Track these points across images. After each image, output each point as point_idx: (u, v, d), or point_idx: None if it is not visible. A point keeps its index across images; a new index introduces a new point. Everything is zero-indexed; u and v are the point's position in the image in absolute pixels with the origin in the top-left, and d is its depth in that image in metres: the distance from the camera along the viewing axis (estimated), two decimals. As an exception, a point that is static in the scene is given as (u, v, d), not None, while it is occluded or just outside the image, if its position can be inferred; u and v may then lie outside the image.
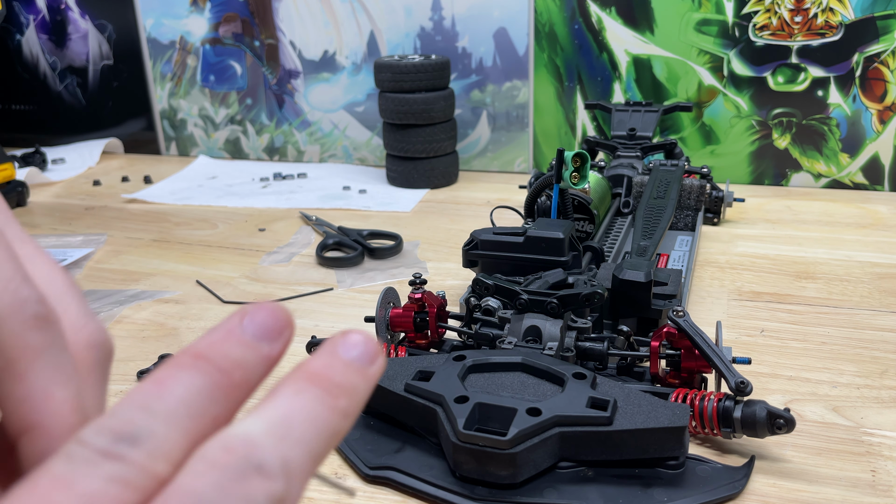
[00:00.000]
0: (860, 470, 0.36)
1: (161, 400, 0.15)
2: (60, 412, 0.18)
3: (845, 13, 0.82)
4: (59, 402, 0.18)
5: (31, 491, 0.14)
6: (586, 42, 0.91)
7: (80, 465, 0.14)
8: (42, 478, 0.15)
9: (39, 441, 0.18)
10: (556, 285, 0.47)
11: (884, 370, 0.45)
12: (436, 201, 0.87)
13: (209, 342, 0.16)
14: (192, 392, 0.16)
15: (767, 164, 0.89)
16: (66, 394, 0.18)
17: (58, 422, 0.18)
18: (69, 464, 0.15)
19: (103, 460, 0.15)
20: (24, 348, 0.18)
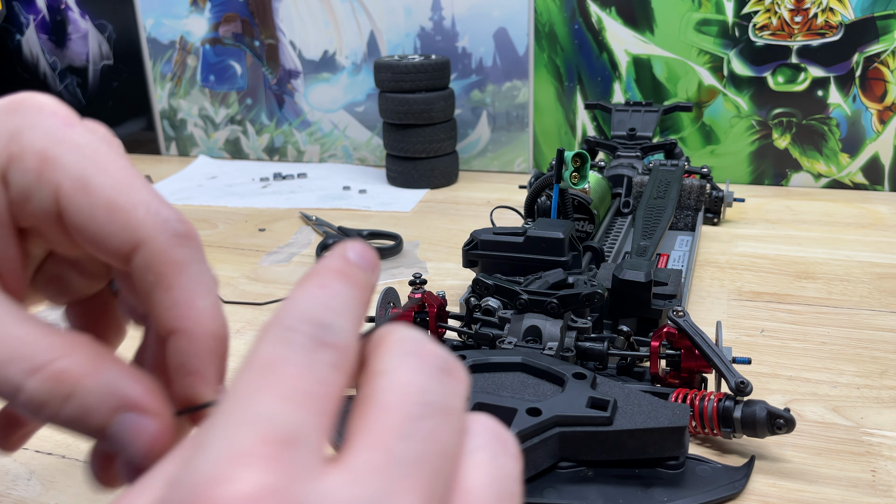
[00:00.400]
0: (860, 470, 0.36)
1: (334, 300, 0.17)
2: (202, 318, 0.21)
3: (845, 13, 0.82)
4: (200, 310, 0.21)
5: (270, 373, 0.16)
6: (586, 42, 0.91)
7: (303, 350, 0.16)
8: (274, 361, 0.16)
9: (184, 342, 0.21)
10: (556, 285, 0.47)
11: (884, 370, 0.45)
12: (436, 201, 0.87)
13: (335, 264, 0.18)
14: (350, 297, 0.17)
15: (767, 164, 0.89)
16: (207, 302, 0.22)
17: (200, 326, 0.21)
18: (292, 349, 0.16)
19: (320, 347, 0.16)
20: (171, 263, 0.21)
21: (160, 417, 0.21)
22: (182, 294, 0.22)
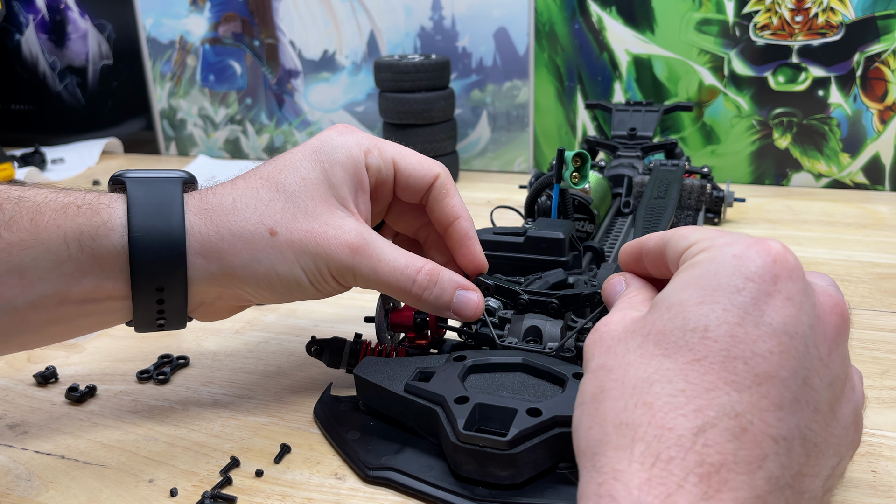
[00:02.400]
0: (860, 470, 0.36)
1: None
2: (465, 210, 0.42)
3: (846, 13, 0.82)
4: (463, 206, 0.42)
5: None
6: (587, 42, 0.91)
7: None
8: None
9: (462, 222, 0.42)
10: (557, 285, 0.47)
11: (884, 370, 0.45)
12: (436, 201, 0.87)
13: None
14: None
15: (768, 164, 0.89)
16: (461, 202, 0.42)
17: (466, 213, 0.42)
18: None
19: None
20: (450, 184, 0.42)
21: (478, 293, 0.41)
22: (456, 198, 0.42)
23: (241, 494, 0.36)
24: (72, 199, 0.35)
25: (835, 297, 0.28)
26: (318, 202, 0.38)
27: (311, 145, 0.40)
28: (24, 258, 0.34)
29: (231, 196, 0.38)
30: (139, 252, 0.35)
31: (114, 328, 0.55)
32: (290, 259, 0.37)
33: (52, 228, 0.34)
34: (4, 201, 0.35)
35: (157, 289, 0.36)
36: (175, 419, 0.43)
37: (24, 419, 0.43)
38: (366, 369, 0.40)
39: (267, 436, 0.41)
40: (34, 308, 0.35)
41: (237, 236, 0.37)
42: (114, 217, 0.35)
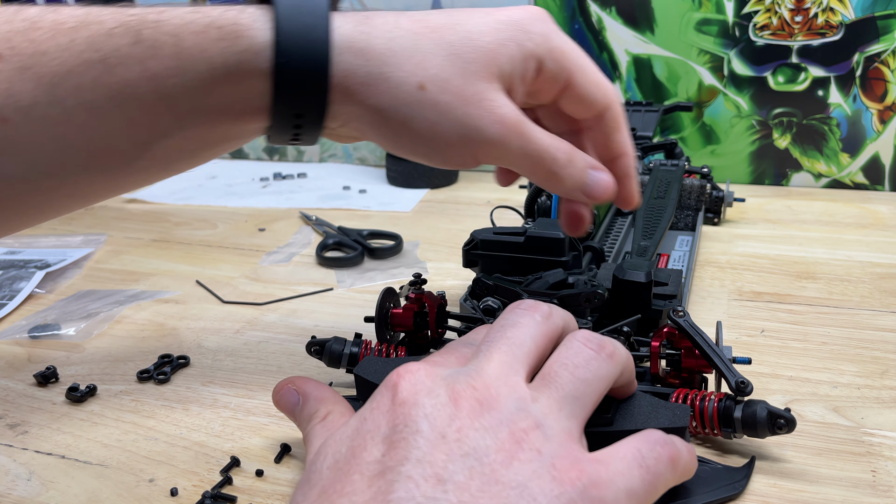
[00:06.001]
0: (860, 470, 0.36)
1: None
2: (630, 149, 0.40)
3: (846, 13, 0.82)
4: (629, 142, 0.40)
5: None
6: (586, 42, 0.91)
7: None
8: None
9: (625, 159, 0.40)
10: (557, 285, 0.47)
11: (884, 370, 0.45)
12: (436, 201, 0.87)
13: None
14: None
15: (768, 164, 0.89)
16: (629, 137, 0.40)
17: (631, 149, 0.40)
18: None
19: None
20: (621, 116, 0.39)
21: (609, 175, 0.39)
22: (624, 134, 0.40)
23: (241, 494, 0.36)
24: (211, 20, 0.33)
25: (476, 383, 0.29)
26: (481, 73, 0.35)
27: (502, 16, 0.36)
28: (173, 87, 0.33)
29: (388, 35, 0.34)
30: (283, 84, 0.33)
31: (114, 328, 0.55)
32: (430, 119, 0.35)
33: (196, 54, 0.32)
34: (143, 26, 0.32)
35: (295, 115, 0.35)
36: (175, 419, 0.43)
37: (24, 419, 0.43)
38: (366, 369, 0.40)
39: (267, 436, 0.41)
40: (186, 138, 0.34)
41: (384, 79, 0.34)
42: (258, 39, 0.33)
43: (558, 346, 0.32)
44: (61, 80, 0.32)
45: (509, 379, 0.29)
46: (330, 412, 0.34)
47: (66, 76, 0.32)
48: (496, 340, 0.32)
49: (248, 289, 0.62)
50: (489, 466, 0.26)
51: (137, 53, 0.32)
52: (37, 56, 0.31)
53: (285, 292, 0.61)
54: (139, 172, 0.36)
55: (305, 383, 0.36)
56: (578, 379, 0.30)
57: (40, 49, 0.32)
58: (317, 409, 0.35)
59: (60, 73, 0.32)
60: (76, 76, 0.32)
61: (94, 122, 0.33)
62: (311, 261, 0.69)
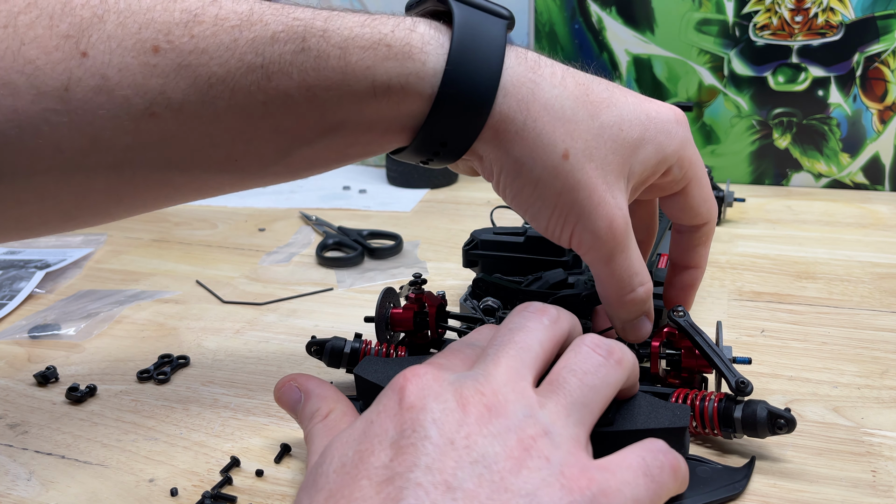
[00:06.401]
0: (860, 470, 0.36)
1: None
2: (704, 264, 0.43)
3: (846, 13, 0.82)
4: (705, 259, 0.43)
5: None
6: (586, 41, 0.91)
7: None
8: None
9: (693, 276, 0.43)
10: (557, 285, 0.47)
11: (884, 370, 0.45)
12: (436, 201, 0.87)
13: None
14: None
15: (768, 164, 0.89)
16: (708, 252, 0.43)
17: (703, 268, 0.43)
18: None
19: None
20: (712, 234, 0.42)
21: (651, 322, 0.40)
22: (707, 249, 0.43)
23: (241, 494, 0.36)
24: (381, 36, 0.32)
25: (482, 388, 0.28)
26: (615, 162, 0.35)
27: (651, 110, 0.36)
28: (328, 99, 0.32)
29: (553, 91, 0.34)
30: (440, 113, 0.33)
31: (114, 328, 0.55)
32: (557, 188, 0.34)
33: (360, 70, 0.32)
34: (308, 34, 0.31)
35: (440, 143, 0.34)
36: (175, 419, 0.43)
37: (24, 419, 0.43)
38: (366, 369, 0.40)
39: (267, 436, 0.41)
40: (327, 147, 0.34)
41: (536, 135, 0.34)
42: (428, 63, 0.32)
43: (566, 350, 0.32)
44: (218, 81, 0.31)
45: (517, 384, 0.29)
46: (331, 410, 0.34)
47: (223, 78, 0.31)
48: (504, 344, 0.31)
49: (248, 289, 0.62)
50: (498, 474, 0.25)
51: (300, 62, 0.31)
52: (196, 54, 0.30)
53: (285, 292, 0.61)
54: (269, 176, 0.36)
55: (307, 381, 0.36)
56: (586, 385, 0.30)
57: (200, 47, 0.30)
58: (318, 406, 0.35)
59: (219, 74, 0.31)
60: (233, 80, 0.31)
61: (242, 126, 0.32)
62: (311, 261, 0.69)
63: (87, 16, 0.29)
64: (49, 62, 0.29)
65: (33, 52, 0.29)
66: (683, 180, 0.38)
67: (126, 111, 0.30)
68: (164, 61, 0.30)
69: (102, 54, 0.29)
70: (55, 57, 0.29)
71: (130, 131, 0.31)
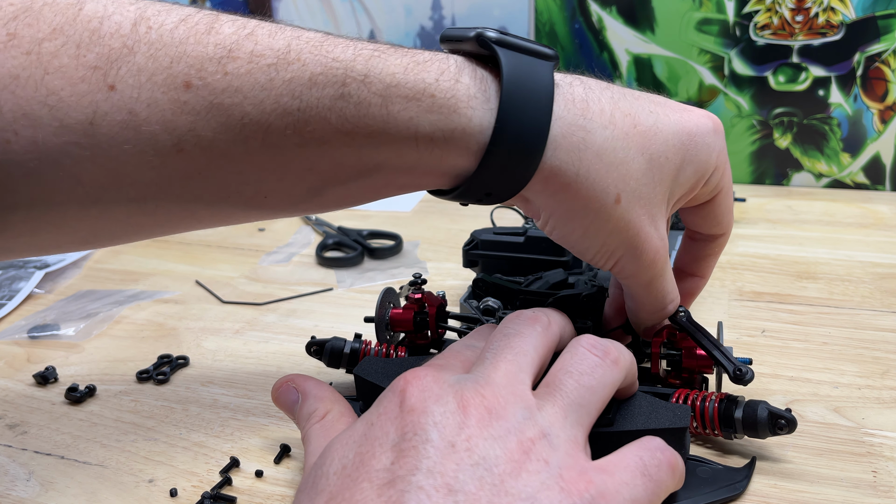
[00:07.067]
0: (861, 471, 0.36)
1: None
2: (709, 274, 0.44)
3: (846, 13, 0.82)
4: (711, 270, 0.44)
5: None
6: (587, 41, 0.91)
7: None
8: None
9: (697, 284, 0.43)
10: (557, 285, 0.47)
11: (885, 370, 0.45)
12: (436, 201, 0.87)
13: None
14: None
15: (768, 164, 0.89)
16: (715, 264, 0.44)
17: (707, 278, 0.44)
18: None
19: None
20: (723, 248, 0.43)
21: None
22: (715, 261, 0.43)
23: (240, 495, 0.36)
24: (425, 86, 0.30)
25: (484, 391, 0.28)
26: (660, 193, 0.35)
27: (691, 124, 0.36)
28: (367, 145, 0.31)
29: (604, 134, 0.33)
30: (486, 168, 0.31)
31: (113, 328, 0.55)
32: (605, 231, 0.34)
33: (402, 121, 0.30)
34: (348, 79, 0.30)
35: (486, 193, 0.33)
36: (175, 419, 0.43)
37: (23, 419, 0.43)
38: (366, 369, 0.40)
39: (267, 436, 0.41)
40: (361, 187, 0.33)
41: (589, 183, 0.33)
42: (474, 119, 0.31)
43: (562, 351, 0.32)
44: (251, 122, 0.29)
45: (516, 387, 0.29)
46: (329, 411, 0.34)
47: (257, 119, 0.29)
48: (500, 349, 0.31)
49: (248, 289, 0.62)
50: (499, 477, 0.25)
51: (339, 109, 0.30)
52: (229, 93, 0.29)
53: (285, 292, 0.61)
54: (298, 212, 0.34)
55: (305, 381, 0.36)
56: (583, 386, 0.30)
57: (234, 85, 0.29)
58: (315, 407, 0.34)
59: (252, 115, 0.29)
60: (268, 122, 0.29)
61: (274, 165, 0.31)
62: (310, 261, 0.68)
63: (116, 46, 0.28)
64: (74, 94, 0.27)
65: (57, 82, 0.27)
66: (716, 190, 0.38)
67: (152, 147, 0.29)
68: (196, 98, 0.29)
69: (131, 88, 0.28)
70: (81, 89, 0.27)
71: (156, 167, 0.29)
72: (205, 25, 0.29)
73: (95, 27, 0.28)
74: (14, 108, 0.27)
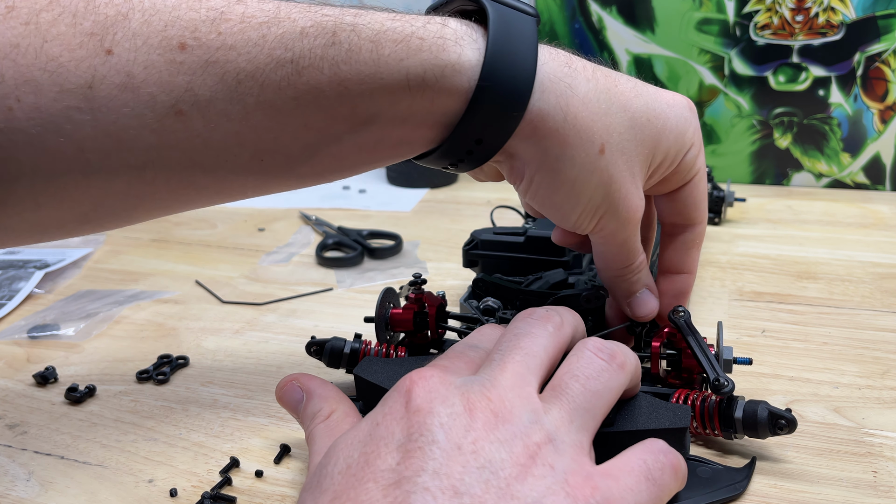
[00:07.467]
0: (861, 471, 0.36)
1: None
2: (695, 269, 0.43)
3: (846, 12, 0.82)
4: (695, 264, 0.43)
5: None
6: (587, 41, 0.91)
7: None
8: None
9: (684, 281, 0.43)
10: (557, 285, 0.47)
11: (885, 370, 0.45)
12: (436, 201, 0.87)
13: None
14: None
15: (768, 164, 0.89)
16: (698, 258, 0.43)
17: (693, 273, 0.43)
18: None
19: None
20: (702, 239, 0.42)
21: (656, 298, 0.41)
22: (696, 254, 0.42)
23: (240, 495, 0.36)
24: (413, 29, 0.32)
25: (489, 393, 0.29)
26: (643, 153, 0.36)
27: (668, 98, 0.38)
28: (360, 93, 0.31)
29: (588, 85, 0.34)
30: (476, 108, 0.32)
31: (113, 328, 0.55)
32: (593, 183, 0.35)
33: (394, 62, 0.31)
34: (338, 28, 0.31)
35: (475, 140, 0.34)
36: (175, 419, 0.43)
37: (23, 419, 0.43)
38: (366, 369, 0.40)
39: (267, 436, 0.41)
40: (356, 145, 0.33)
41: (576, 130, 0.34)
42: (463, 57, 0.32)
43: (568, 353, 0.32)
44: (247, 77, 0.30)
45: (523, 390, 0.29)
46: (333, 411, 0.34)
47: (252, 74, 0.30)
48: (509, 349, 0.31)
49: (248, 289, 0.62)
50: (504, 480, 0.25)
51: (331, 56, 0.31)
52: (223, 51, 0.30)
53: (285, 292, 0.61)
54: (294, 178, 0.35)
55: (310, 381, 0.36)
56: (589, 391, 0.30)
57: (227, 43, 0.30)
58: (320, 407, 0.34)
59: (247, 70, 0.30)
60: (262, 75, 0.30)
61: (270, 123, 0.32)
62: (310, 261, 0.68)
63: (111, 13, 0.29)
64: (73, 59, 0.28)
65: (56, 49, 0.28)
66: (694, 171, 0.39)
67: (151, 109, 0.30)
68: (191, 58, 0.30)
69: (127, 52, 0.29)
70: (79, 54, 0.28)
71: (155, 130, 0.30)
72: None
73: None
74: (16, 76, 0.28)
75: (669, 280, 0.42)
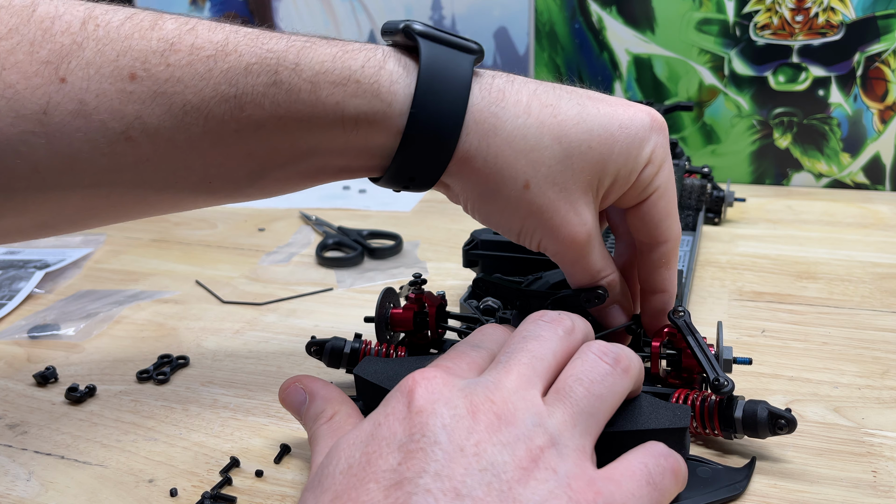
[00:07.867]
0: (861, 471, 0.36)
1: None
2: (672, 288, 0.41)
3: (846, 13, 0.82)
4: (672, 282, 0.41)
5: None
6: (587, 41, 0.91)
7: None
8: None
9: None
10: (557, 285, 0.47)
11: (885, 370, 0.45)
12: (436, 201, 0.87)
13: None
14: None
15: (768, 164, 0.89)
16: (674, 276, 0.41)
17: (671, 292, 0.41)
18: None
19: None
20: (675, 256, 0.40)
21: (626, 316, 0.42)
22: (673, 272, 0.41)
23: (241, 495, 0.36)
24: (350, 73, 0.33)
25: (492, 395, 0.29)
26: (581, 180, 0.36)
27: (625, 117, 0.36)
28: (299, 130, 0.33)
29: (515, 122, 0.35)
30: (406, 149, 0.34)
31: (113, 328, 0.55)
32: (519, 215, 0.37)
33: (330, 105, 0.33)
34: (280, 67, 0.33)
35: (409, 177, 0.36)
36: (175, 419, 0.43)
37: (23, 419, 0.43)
38: (366, 369, 0.40)
39: (267, 436, 0.41)
40: (299, 171, 0.36)
41: (497, 171, 0.35)
42: (395, 103, 0.34)
43: (573, 356, 0.32)
44: (192, 109, 0.32)
45: (527, 393, 0.29)
46: (336, 412, 0.34)
47: (197, 106, 0.32)
48: (516, 352, 0.31)
49: (248, 289, 0.62)
50: (507, 483, 0.25)
51: (272, 95, 0.33)
52: (172, 83, 0.32)
53: (285, 292, 0.61)
54: (242, 197, 0.37)
55: (312, 382, 0.36)
56: (593, 395, 0.30)
57: (175, 75, 0.32)
58: (323, 408, 0.35)
59: (193, 102, 0.32)
60: (207, 108, 0.32)
61: (215, 151, 0.33)
62: (310, 261, 0.68)
63: (66, 43, 0.31)
64: (28, 87, 0.30)
65: (13, 76, 0.30)
66: (651, 189, 0.38)
67: (103, 135, 0.31)
68: (141, 88, 0.31)
69: (80, 80, 0.31)
70: (35, 82, 0.30)
71: (106, 154, 0.32)
72: (149, 22, 0.32)
73: (48, 26, 0.31)
74: None
75: (647, 299, 0.42)
